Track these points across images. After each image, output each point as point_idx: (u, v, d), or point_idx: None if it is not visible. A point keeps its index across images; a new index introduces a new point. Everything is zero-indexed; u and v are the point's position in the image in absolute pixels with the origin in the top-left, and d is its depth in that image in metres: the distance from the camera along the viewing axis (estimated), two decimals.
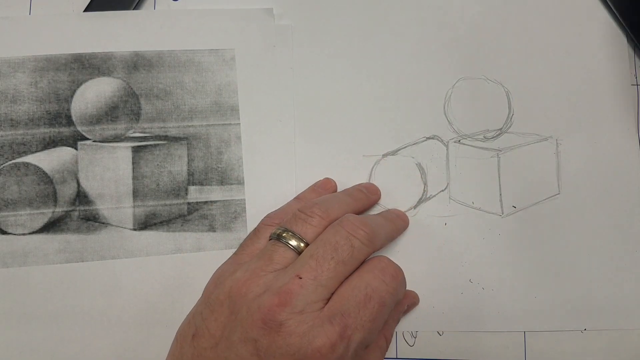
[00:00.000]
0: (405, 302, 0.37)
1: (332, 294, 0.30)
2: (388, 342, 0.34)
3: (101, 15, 0.39)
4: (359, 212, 0.36)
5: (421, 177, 0.39)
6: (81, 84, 0.38)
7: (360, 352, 0.30)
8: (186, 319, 0.32)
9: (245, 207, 0.38)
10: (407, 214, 0.39)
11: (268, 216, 0.35)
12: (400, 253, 0.38)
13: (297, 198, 0.38)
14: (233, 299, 0.30)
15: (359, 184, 0.39)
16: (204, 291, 0.32)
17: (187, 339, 0.30)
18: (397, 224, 0.37)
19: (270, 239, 0.33)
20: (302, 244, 0.31)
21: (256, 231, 0.35)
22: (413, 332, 0.38)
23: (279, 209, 0.37)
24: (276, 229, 0.33)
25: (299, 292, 0.29)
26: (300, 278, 0.29)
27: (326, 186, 0.38)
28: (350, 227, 0.31)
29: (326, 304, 0.29)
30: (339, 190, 0.39)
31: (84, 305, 0.37)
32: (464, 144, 0.39)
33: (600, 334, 0.38)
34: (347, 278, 0.31)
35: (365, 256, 0.32)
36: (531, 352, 0.38)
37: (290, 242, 0.31)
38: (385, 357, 0.38)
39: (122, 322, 0.37)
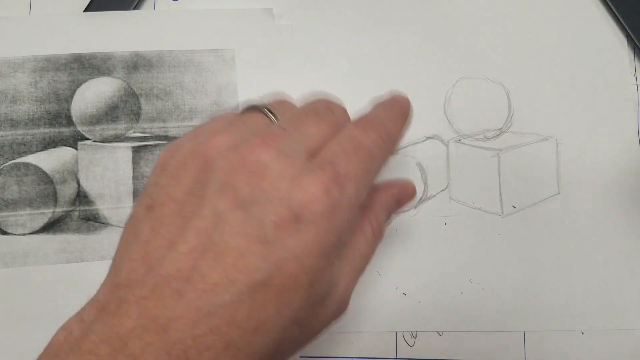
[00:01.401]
0: (394, 185, 0.32)
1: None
2: (375, 233, 0.29)
3: (101, 15, 0.39)
4: None
5: (421, 177, 0.39)
6: (81, 84, 0.38)
7: (355, 210, 0.26)
8: (130, 214, 0.26)
9: None
10: (407, 214, 0.39)
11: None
12: (400, 253, 0.38)
13: None
14: (199, 155, 0.25)
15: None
16: (154, 166, 0.27)
17: (138, 215, 0.25)
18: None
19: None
20: (275, 117, 0.27)
21: None
22: (413, 332, 0.38)
23: None
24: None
25: (283, 136, 0.25)
26: (284, 129, 0.25)
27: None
28: (327, 101, 0.28)
29: (307, 159, 0.25)
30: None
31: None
32: (464, 143, 0.39)
33: (600, 334, 0.38)
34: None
35: (345, 123, 0.28)
36: (531, 352, 0.38)
37: (268, 111, 0.27)
38: (385, 357, 0.38)
39: None
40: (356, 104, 0.40)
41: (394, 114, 0.29)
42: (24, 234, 0.37)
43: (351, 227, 0.27)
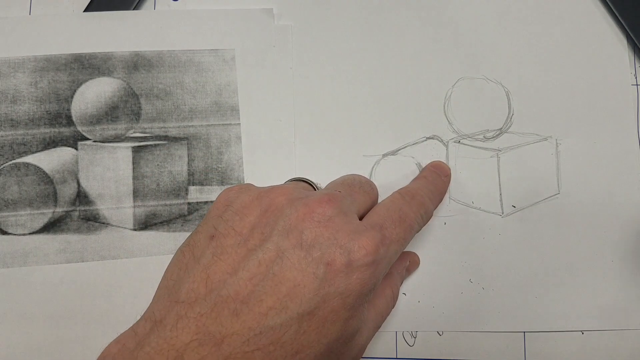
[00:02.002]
0: (406, 257, 0.37)
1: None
2: (394, 296, 0.34)
3: (101, 15, 0.39)
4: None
5: None
6: (81, 84, 0.38)
7: (387, 268, 0.30)
8: (191, 234, 0.30)
9: None
10: None
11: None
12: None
13: None
14: (265, 199, 0.29)
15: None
16: (216, 202, 0.31)
17: (200, 243, 0.29)
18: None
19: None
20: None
21: None
22: (413, 332, 0.38)
23: None
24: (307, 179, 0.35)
25: (342, 199, 0.29)
26: (339, 192, 0.30)
27: None
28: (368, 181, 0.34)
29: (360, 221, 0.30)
30: None
31: (84, 305, 0.37)
32: (463, 143, 0.39)
33: (600, 335, 0.38)
34: (378, 203, 0.33)
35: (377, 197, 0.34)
36: (531, 352, 0.38)
37: (312, 182, 0.34)
38: (385, 357, 0.38)
39: (122, 322, 0.37)
40: (356, 104, 0.40)
41: (435, 195, 0.36)
42: (24, 234, 0.37)
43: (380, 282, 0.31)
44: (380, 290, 0.33)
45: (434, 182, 0.37)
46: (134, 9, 0.40)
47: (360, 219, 0.30)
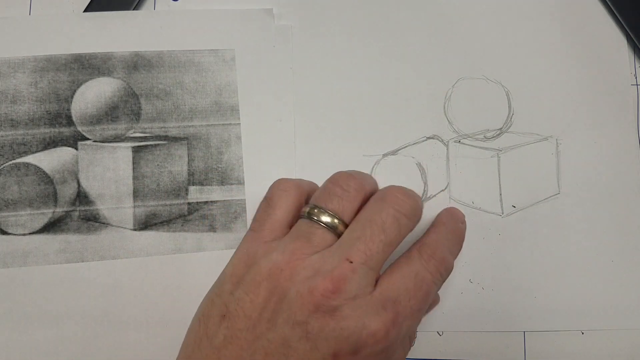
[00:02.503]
0: None
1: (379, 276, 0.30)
2: (411, 340, 0.34)
3: (101, 16, 0.39)
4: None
5: (421, 176, 0.39)
6: (81, 84, 0.38)
7: (403, 340, 0.30)
8: (207, 298, 0.31)
9: (245, 207, 0.38)
10: None
11: (279, 181, 0.34)
12: (399, 253, 0.38)
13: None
14: (274, 281, 0.29)
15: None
16: (228, 272, 0.31)
17: (213, 319, 0.29)
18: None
19: (301, 217, 0.31)
20: (339, 225, 0.30)
21: (269, 200, 0.33)
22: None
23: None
24: (308, 207, 0.31)
25: (352, 277, 0.28)
26: (351, 262, 0.28)
27: None
28: (394, 201, 0.31)
29: (374, 286, 0.29)
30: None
31: (84, 305, 0.37)
32: (464, 143, 0.40)
33: (600, 334, 0.38)
34: (394, 263, 0.31)
35: (411, 230, 0.31)
36: (531, 352, 0.38)
37: (327, 222, 0.30)
38: None
39: (122, 322, 0.37)
40: (356, 104, 0.40)
41: (455, 245, 0.34)
42: (24, 234, 0.37)
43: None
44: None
45: (454, 230, 0.34)
46: (134, 9, 0.40)
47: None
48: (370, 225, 0.30)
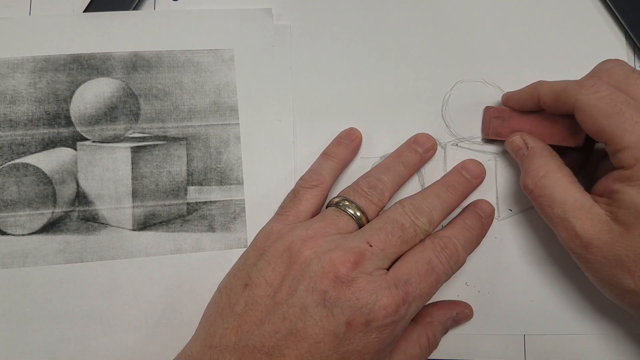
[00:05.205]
0: (454, 307, 0.37)
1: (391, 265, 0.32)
2: (430, 345, 0.35)
3: (101, 16, 0.39)
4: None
5: (418, 179, 0.39)
6: (80, 84, 0.38)
7: (409, 320, 0.32)
8: (229, 273, 0.34)
9: (244, 207, 0.39)
10: None
11: (303, 179, 0.37)
12: None
13: (324, 153, 0.38)
14: (296, 252, 0.31)
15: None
16: (252, 246, 0.34)
17: (235, 289, 0.32)
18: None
19: (328, 206, 0.35)
20: (363, 217, 0.34)
21: (295, 192, 0.36)
22: None
23: (309, 169, 0.38)
24: (338, 198, 0.35)
25: (370, 256, 0.31)
26: (371, 245, 0.31)
27: (351, 137, 0.39)
28: (413, 213, 0.33)
29: (386, 273, 0.31)
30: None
31: (84, 306, 0.37)
32: (461, 147, 0.40)
33: (600, 335, 0.38)
34: (409, 251, 0.33)
35: (425, 236, 0.34)
36: (531, 352, 0.38)
37: (352, 213, 0.34)
38: None
39: (122, 322, 0.37)
40: (354, 106, 0.40)
41: (470, 243, 0.35)
42: (23, 235, 0.37)
43: (403, 332, 0.33)
44: (414, 337, 0.34)
45: (472, 227, 0.35)
46: (133, 9, 0.40)
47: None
48: (391, 223, 0.33)
